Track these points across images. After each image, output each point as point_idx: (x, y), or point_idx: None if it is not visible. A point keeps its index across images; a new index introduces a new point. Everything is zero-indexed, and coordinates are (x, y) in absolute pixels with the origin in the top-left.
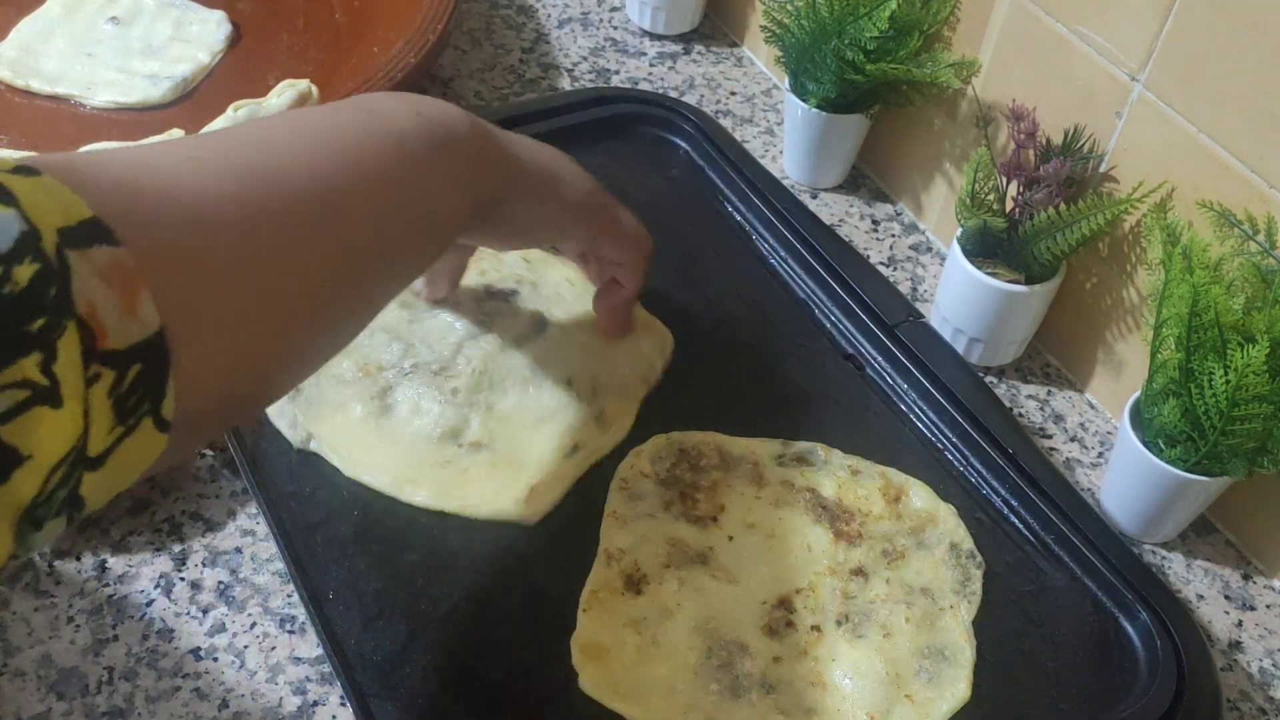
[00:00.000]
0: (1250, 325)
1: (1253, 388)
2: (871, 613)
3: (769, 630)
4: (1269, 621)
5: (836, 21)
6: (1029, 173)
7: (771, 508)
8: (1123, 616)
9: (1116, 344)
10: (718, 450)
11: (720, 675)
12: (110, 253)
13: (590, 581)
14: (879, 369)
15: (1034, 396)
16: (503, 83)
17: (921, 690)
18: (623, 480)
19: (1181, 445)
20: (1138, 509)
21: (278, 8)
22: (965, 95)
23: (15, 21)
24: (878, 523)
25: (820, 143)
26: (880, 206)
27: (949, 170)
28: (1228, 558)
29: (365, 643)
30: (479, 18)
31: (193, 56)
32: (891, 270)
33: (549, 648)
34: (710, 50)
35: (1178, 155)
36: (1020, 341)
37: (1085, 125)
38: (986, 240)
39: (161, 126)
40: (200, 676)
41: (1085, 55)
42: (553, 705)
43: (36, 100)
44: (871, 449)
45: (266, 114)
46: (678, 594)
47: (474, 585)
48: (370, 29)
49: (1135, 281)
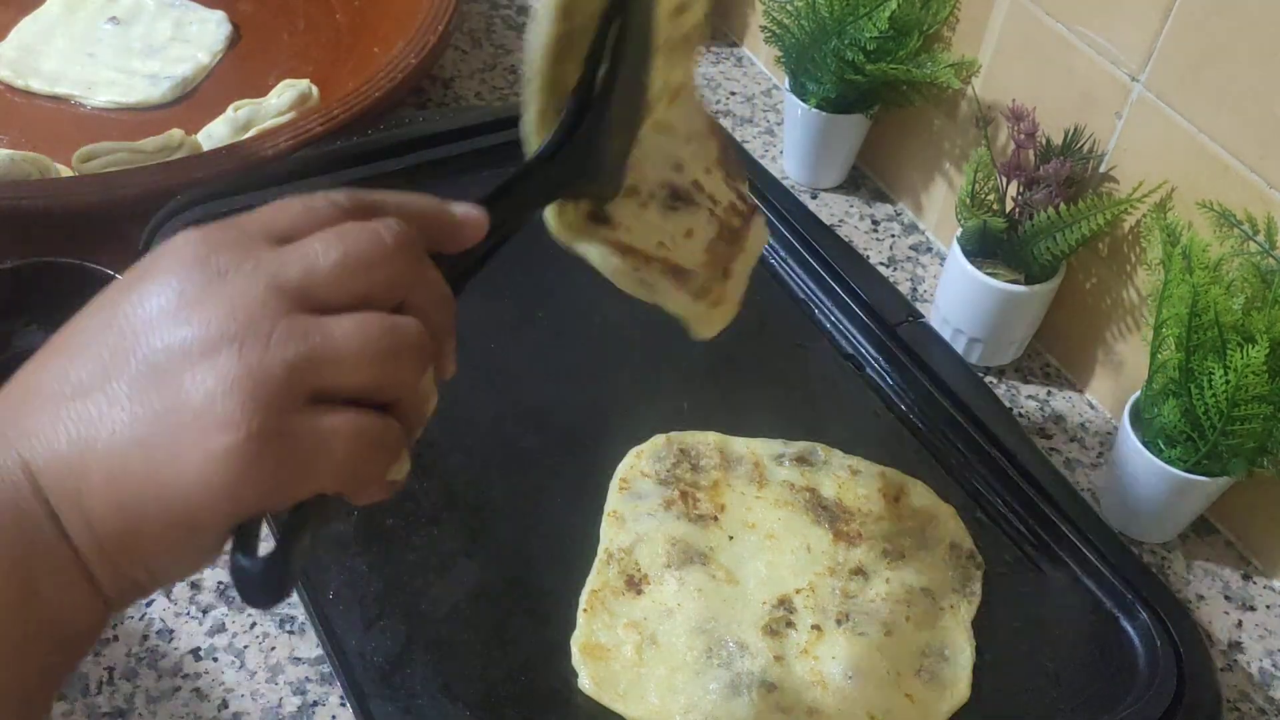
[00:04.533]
0: (1250, 325)
1: (1253, 388)
2: (872, 612)
3: (769, 630)
4: (1269, 622)
5: (836, 21)
6: (1029, 173)
7: (772, 507)
8: (1123, 616)
9: (1116, 344)
10: (718, 450)
11: (720, 674)
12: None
13: (590, 581)
14: (879, 369)
15: (1034, 396)
16: (503, 83)
17: (921, 689)
18: (623, 480)
19: (1181, 445)
20: (1138, 509)
21: (278, 8)
22: (965, 95)
23: (15, 21)
24: (878, 523)
25: (820, 143)
26: (880, 206)
27: (949, 170)
28: (1228, 558)
29: (365, 643)
30: (479, 18)
31: (193, 56)
32: (891, 270)
33: (549, 648)
34: (710, 50)
35: (1178, 155)
36: (1020, 342)
37: (1085, 125)
38: (986, 240)
39: (161, 126)
40: (200, 676)
41: (1085, 55)
42: (553, 705)
43: (36, 100)
44: (871, 449)
45: (266, 114)
46: (678, 594)
47: (474, 585)
48: (370, 29)
49: (1135, 281)
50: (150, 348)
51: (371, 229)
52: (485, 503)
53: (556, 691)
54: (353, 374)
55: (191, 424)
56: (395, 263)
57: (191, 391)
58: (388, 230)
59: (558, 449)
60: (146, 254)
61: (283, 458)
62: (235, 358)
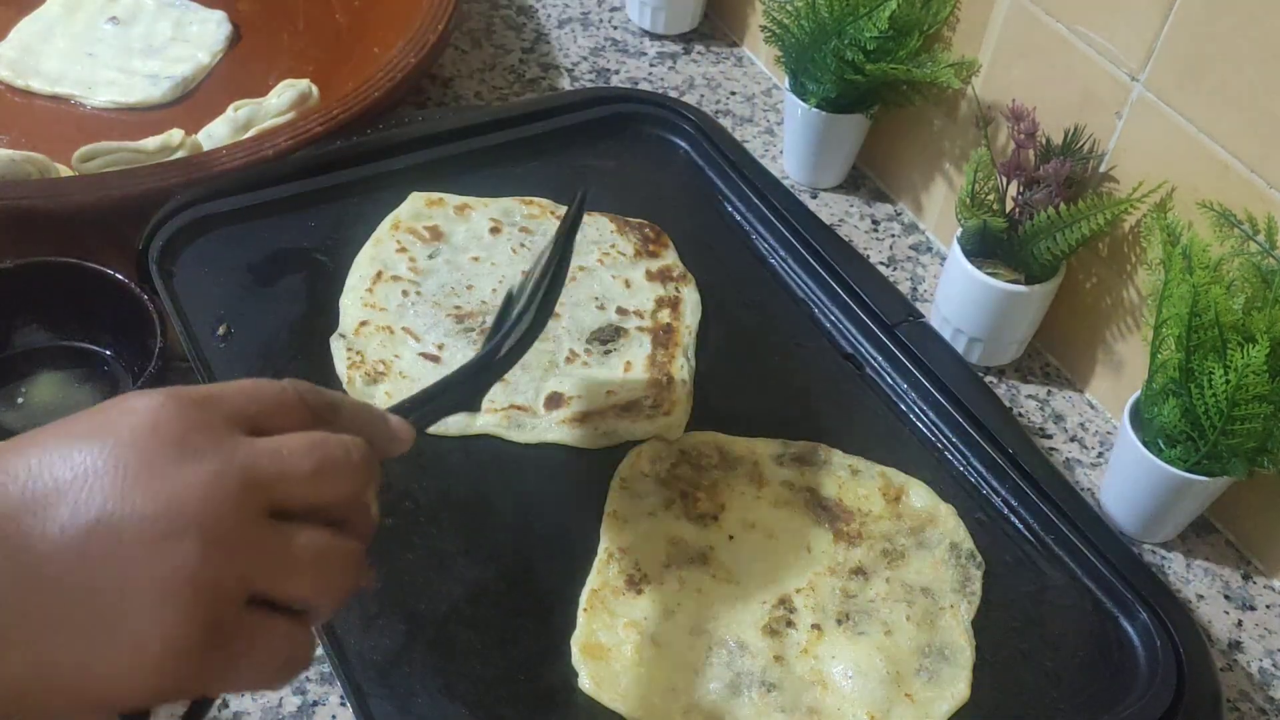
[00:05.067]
0: (1250, 325)
1: (1253, 388)
2: (872, 612)
3: (769, 629)
4: (1269, 621)
5: (836, 21)
6: (1029, 173)
7: (772, 507)
8: (1123, 616)
9: (1116, 344)
10: (718, 450)
11: (720, 674)
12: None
13: (590, 581)
14: (879, 369)
15: (1034, 396)
16: (503, 83)
17: (921, 689)
18: (623, 480)
19: (1181, 445)
20: (1138, 509)
21: (278, 8)
22: (965, 95)
23: (15, 21)
24: (878, 522)
25: (820, 143)
26: (880, 206)
27: (949, 170)
28: (1228, 558)
29: (365, 642)
30: (479, 18)
31: (193, 56)
32: (891, 270)
33: (549, 648)
34: (710, 50)
35: (1178, 155)
36: (1020, 341)
37: (1085, 125)
38: (986, 240)
39: (161, 126)
40: None
41: (1085, 55)
42: (553, 705)
43: (36, 100)
44: (871, 449)
45: (266, 114)
46: (678, 593)
47: (474, 585)
48: (370, 29)
49: (1135, 281)
50: (112, 510)
51: (348, 447)
52: (485, 503)
53: (556, 691)
54: (300, 591)
55: (135, 611)
56: (356, 480)
57: (142, 576)
58: (356, 450)
59: (558, 449)
60: (109, 404)
61: (218, 655)
62: (195, 553)
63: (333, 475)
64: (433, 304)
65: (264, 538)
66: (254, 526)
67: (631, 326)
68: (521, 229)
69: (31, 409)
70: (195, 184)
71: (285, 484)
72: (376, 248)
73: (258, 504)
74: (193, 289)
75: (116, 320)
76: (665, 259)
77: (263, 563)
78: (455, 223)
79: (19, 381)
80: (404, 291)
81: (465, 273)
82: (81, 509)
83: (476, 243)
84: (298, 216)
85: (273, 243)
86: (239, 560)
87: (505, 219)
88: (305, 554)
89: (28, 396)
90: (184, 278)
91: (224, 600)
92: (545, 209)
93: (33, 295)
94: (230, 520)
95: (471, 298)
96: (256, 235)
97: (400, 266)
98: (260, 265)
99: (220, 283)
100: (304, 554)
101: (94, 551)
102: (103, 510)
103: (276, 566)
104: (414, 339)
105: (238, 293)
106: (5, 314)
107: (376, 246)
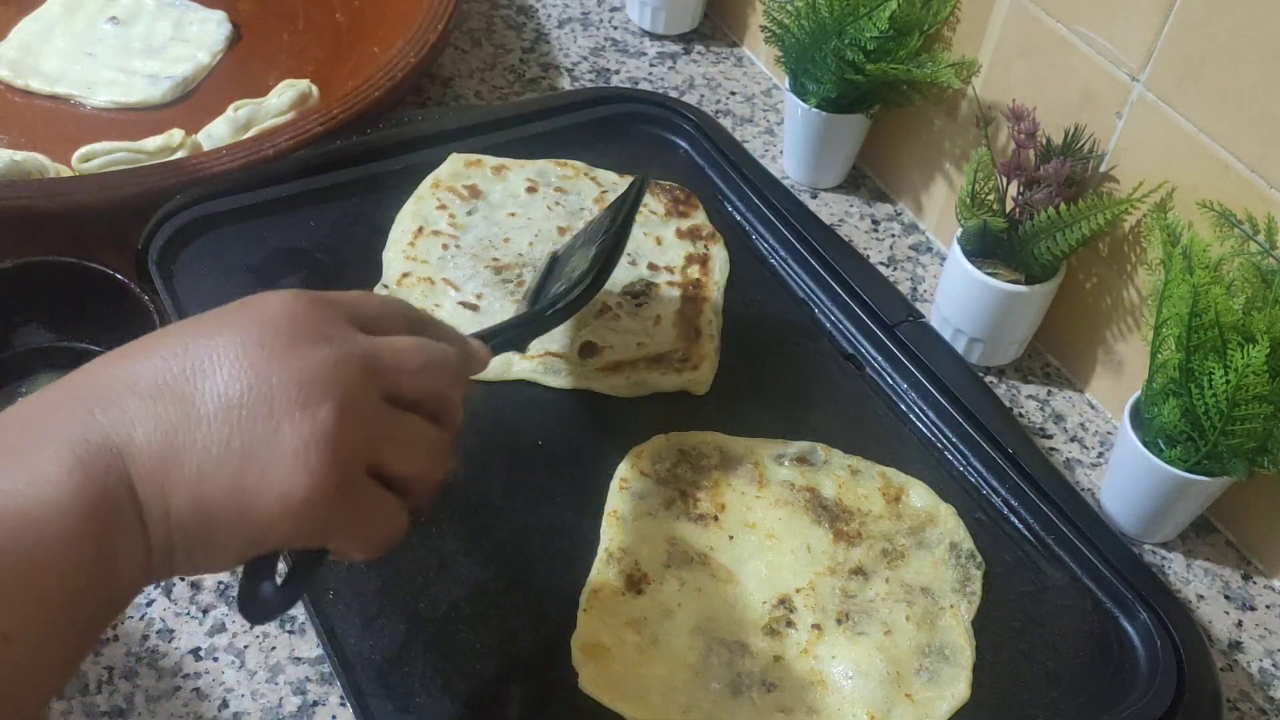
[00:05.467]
0: (1250, 325)
1: (1253, 388)
2: (872, 612)
3: (769, 629)
4: (1269, 621)
5: (836, 21)
6: (1029, 173)
7: (772, 507)
8: (1123, 616)
9: (1116, 344)
10: (718, 450)
11: (720, 674)
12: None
13: (590, 581)
14: (879, 369)
15: (1034, 396)
16: (503, 82)
17: (921, 689)
18: (623, 479)
19: (1181, 445)
20: (1138, 509)
21: (278, 8)
22: (965, 95)
23: (15, 21)
24: (877, 522)
25: (820, 143)
26: (880, 206)
27: (949, 170)
28: (1228, 558)
29: (365, 642)
30: (479, 17)
31: (193, 56)
32: (891, 270)
33: (549, 648)
34: (710, 50)
35: (1178, 155)
36: (1020, 341)
37: (1085, 125)
38: (986, 240)
39: (161, 126)
40: (200, 676)
41: (1085, 55)
42: (553, 705)
43: (36, 100)
44: (871, 449)
45: (266, 114)
46: (678, 593)
47: (474, 585)
48: (370, 29)
49: (1135, 281)
50: (262, 379)
51: (447, 352)
52: (485, 503)
53: (556, 691)
54: (408, 468)
55: (282, 462)
56: (452, 379)
57: (289, 434)
58: (453, 354)
59: (558, 449)
60: (247, 299)
61: (343, 510)
62: (333, 418)
63: (435, 372)
64: (471, 256)
65: (383, 414)
66: (376, 405)
67: (662, 281)
68: (557, 189)
69: None
70: (195, 184)
71: (398, 374)
72: (418, 204)
73: (377, 387)
74: (193, 289)
75: (116, 320)
76: (695, 219)
77: (383, 434)
78: (492, 182)
79: (19, 381)
80: (444, 245)
81: (502, 227)
82: (235, 379)
83: (513, 200)
84: (298, 216)
85: (273, 242)
86: (365, 429)
87: (541, 179)
88: (414, 434)
89: (28, 396)
90: (184, 277)
91: (354, 462)
92: (579, 170)
93: (33, 295)
94: (359, 395)
95: (509, 250)
96: (256, 235)
97: (440, 222)
98: (260, 265)
99: (220, 282)
100: (413, 433)
101: (249, 413)
102: (254, 379)
103: (393, 440)
104: (454, 289)
105: (238, 292)
106: (5, 314)
107: (418, 203)
